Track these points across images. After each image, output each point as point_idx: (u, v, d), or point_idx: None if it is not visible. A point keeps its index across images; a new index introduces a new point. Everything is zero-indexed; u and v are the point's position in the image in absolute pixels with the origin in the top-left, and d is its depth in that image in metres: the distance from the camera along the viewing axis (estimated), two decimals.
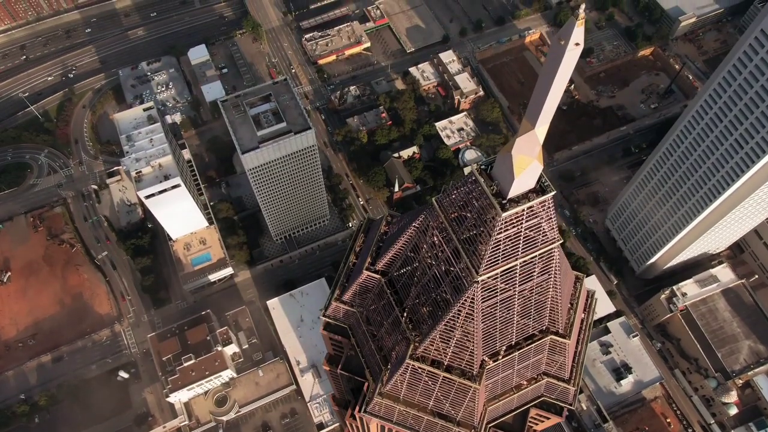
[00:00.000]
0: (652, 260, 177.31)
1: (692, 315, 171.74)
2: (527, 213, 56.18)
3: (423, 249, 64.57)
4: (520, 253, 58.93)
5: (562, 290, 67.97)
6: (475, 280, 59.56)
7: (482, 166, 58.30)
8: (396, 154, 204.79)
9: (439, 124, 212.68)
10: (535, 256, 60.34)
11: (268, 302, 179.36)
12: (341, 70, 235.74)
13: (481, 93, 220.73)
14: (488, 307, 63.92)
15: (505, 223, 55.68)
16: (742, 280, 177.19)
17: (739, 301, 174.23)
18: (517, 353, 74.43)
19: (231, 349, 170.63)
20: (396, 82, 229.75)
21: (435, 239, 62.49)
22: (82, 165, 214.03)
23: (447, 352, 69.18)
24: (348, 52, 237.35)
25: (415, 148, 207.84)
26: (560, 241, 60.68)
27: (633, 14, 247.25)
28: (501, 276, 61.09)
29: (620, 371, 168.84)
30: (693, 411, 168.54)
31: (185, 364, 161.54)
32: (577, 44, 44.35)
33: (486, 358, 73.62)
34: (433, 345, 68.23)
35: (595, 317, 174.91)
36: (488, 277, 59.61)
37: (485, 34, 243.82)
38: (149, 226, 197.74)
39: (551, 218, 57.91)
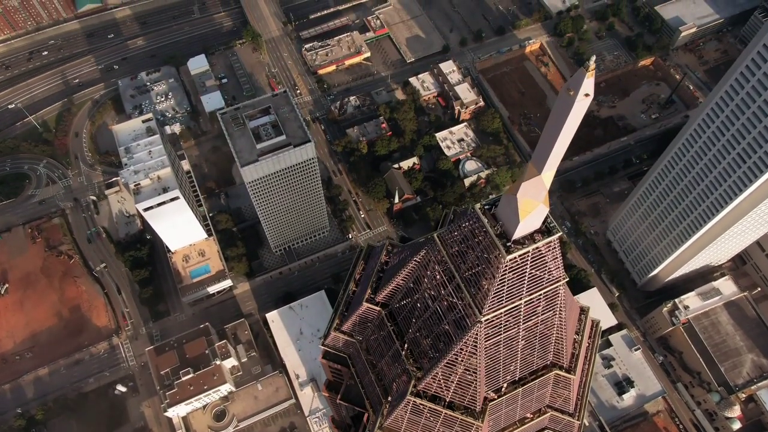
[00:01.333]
0: (654, 273, 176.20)
1: (695, 328, 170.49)
2: (533, 254, 55.23)
3: (424, 284, 63.52)
4: (524, 292, 57.92)
5: (567, 325, 66.88)
6: (478, 320, 58.47)
7: (485, 206, 57.27)
8: (396, 165, 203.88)
9: (439, 135, 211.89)
10: (540, 294, 59.29)
11: (268, 315, 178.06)
12: (341, 80, 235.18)
13: (482, 103, 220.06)
14: (492, 344, 62.81)
15: (510, 264, 54.66)
16: (745, 293, 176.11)
17: (742, 314, 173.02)
18: (521, 389, 73.07)
19: (230, 363, 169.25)
20: (396, 93, 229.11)
21: (437, 275, 61.48)
22: (81, 176, 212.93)
23: (449, 389, 67.88)
24: (348, 62, 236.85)
25: (415, 159, 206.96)
26: (566, 279, 59.52)
27: (633, 24, 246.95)
28: (505, 315, 59.96)
29: (622, 385, 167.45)
30: (696, 425, 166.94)
31: (183, 378, 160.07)
32: (587, 95, 43.59)
33: (489, 394, 72.31)
34: (434, 381, 66.96)
35: None
36: (492, 317, 58.54)
37: (485, 44, 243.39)
38: (148, 237, 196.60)
39: (557, 257, 56.91)
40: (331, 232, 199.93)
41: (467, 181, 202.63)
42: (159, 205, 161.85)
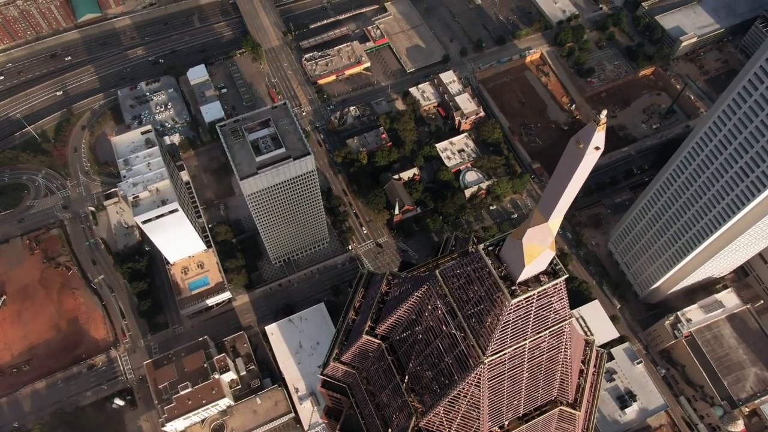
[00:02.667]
0: (656, 285, 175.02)
1: (697, 341, 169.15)
2: (538, 296, 54.21)
3: (426, 319, 62.50)
4: (529, 332, 56.82)
5: (572, 360, 65.78)
6: (481, 361, 57.38)
7: (489, 246, 56.23)
8: (396, 176, 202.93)
9: (439, 146, 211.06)
10: (545, 334, 58.25)
11: (267, 327, 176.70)
12: (341, 90, 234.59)
13: (482, 114, 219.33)
14: (495, 383, 61.64)
15: (515, 307, 53.62)
16: (747, 306, 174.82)
17: (745, 327, 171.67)
18: (525, 425, 71.67)
19: (228, 377, 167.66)
20: (396, 103, 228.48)
21: (439, 311, 60.45)
22: (80, 186, 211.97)
23: (451, 426, 66.56)
24: (348, 72, 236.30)
25: (415, 170, 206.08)
26: (571, 318, 58.41)
27: (633, 34, 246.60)
28: (509, 355, 58.81)
29: (624, 399, 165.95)
30: None
31: (181, 393, 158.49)
32: (597, 148, 42.76)
33: (494, 430, 70.72)
34: (436, 418, 65.70)
35: (599, 343, 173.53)
36: (496, 358, 57.42)
37: (485, 54, 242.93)
38: (147, 249, 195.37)
39: (563, 297, 55.83)
40: (331, 244, 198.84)
41: (468, 192, 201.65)
42: (158, 217, 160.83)
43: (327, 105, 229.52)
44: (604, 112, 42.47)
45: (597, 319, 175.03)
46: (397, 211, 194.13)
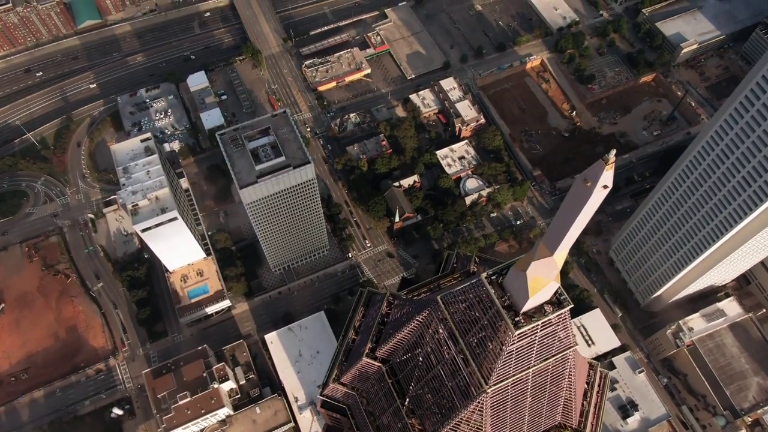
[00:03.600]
0: (658, 293, 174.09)
1: (699, 350, 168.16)
2: (543, 325, 53.45)
3: (427, 344, 61.72)
4: (533, 361, 56.02)
5: (576, 387, 64.93)
6: (484, 390, 56.55)
7: (492, 275, 55.51)
8: (396, 183, 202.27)
9: (440, 153, 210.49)
10: (549, 362, 57.46)
11: (266, 336, 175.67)
12: (341, 96, 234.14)
13: (482, 120, 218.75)
14: (498, 409, 60.81)
15: (518, 337, 52.92)
16: (750, 314, 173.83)
17: (747, 336, 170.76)
18: None
19: (228, 386, 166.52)
20: (396, 109, 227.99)
21: (440, 338, 59.65)
22: (79, 193, 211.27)
23: None
24: (348, 79, 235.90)
25: (415, 177, 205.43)
26: (576, 346, 57.60)
27: (634, 40, 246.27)
28: (512, 383, 57.97)
29: (626, 408, 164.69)
30: None
31: (180, 402, 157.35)
32: (605, 187, 42.19)
33: None
34: None
35: (600, 352, 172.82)
36: (499, 387, 56.65)
37: (486, 61, 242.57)
38: (146, 256, 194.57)
39: (567, 326, 55.07)
40: (331, 251, 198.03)
41: (468, 200, 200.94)
42: (157, 225, 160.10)
43: (327, 112, 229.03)
44: (613, 151, 41.86)
45: (598, 328, 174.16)
46: (397, 218, 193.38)
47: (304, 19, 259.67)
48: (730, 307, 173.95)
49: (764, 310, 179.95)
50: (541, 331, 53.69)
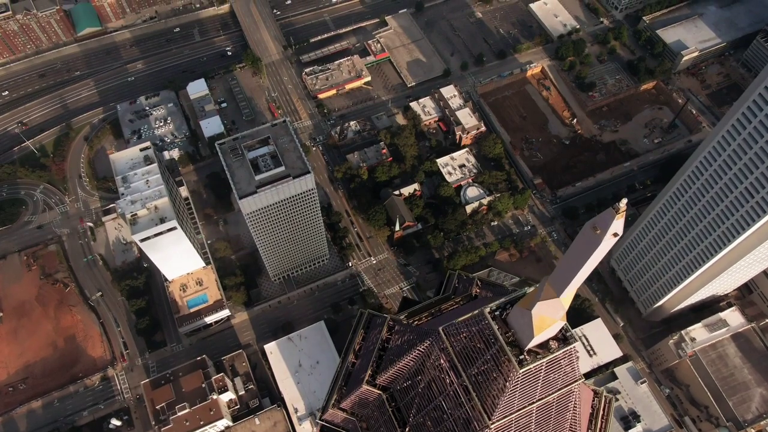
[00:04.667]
0: (660, 303, 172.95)
1: (702, 361, 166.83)
2: (548, 363, 52.49)
3: (428, 374, 60.63)
4: (537, 395, 54.96)
5: (581, 416, 63.92)
6: (486, 426, 55.50)
7: (495, 311, 54.60)
8: (397, 192, 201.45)
9: (440, 161, 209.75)
10: (554, 396, 56.43)
11: (266, 346, 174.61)
12: (341, 104, 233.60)
13: (483, 128, 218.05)
14: None
15: (523, 375, 51.93)
16: (752, 324, 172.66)
17: (750, 346, 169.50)
18: None
19: (227, 396, 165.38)
20: (397, 117, 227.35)
21: (442, 369, 58.63)
22: (78, 201, 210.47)
23: None
24: (348, 87, 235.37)
25: (416, 185, 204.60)
26: (581, 380, 56.47)
27: (635, 48, 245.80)
28: (516, 418, 56.93)
29: (628, 420, 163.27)
30: None
31: (179, 414, 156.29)
32: (615, 234, 41.46)
33: None
34: None
35: (602, 362, 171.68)
36: (502, 423, 55.70)
37: (486, 68, 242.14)
38: (145, 265, 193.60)
39: (573, 361, 54.16)
40: (331, 260, 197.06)
41: (469, 208, 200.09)
42: (156, 235, 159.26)
43: (327, 119, 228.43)
44: (624, 200, 41.11)
45: (600, 338, 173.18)
46: (397, 227, 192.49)
47: (304, 27, 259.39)
48: (733, 317, 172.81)
49: (767, 320, 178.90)
50: (546, 367, 52.69)
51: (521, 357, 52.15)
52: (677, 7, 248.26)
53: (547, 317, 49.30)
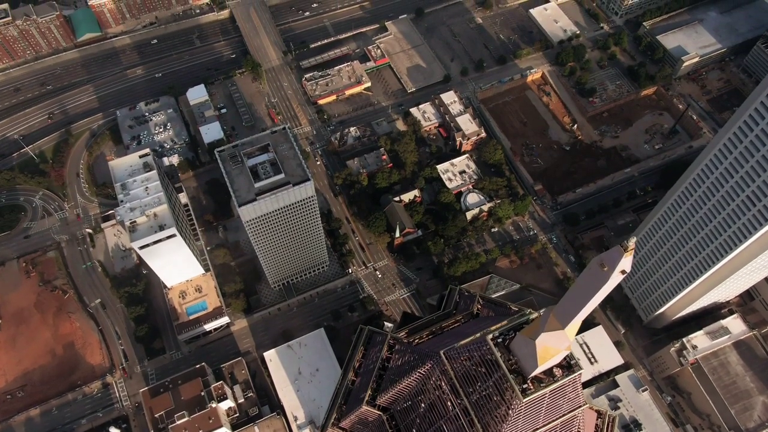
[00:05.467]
0: (661, 311, 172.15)
1: (703, 369, 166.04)
2: (552, 392, 51.82)
3: (429, 396, 59.92)
4: (540, 422, 54.19)
5: None
6: None
7: (498, 338, 53.92)
8: (397, 198, 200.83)
9: (440, 167, 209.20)
10: (558, 422, 55.74)
11: (265, 354, 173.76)
12: (341, 110, 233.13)
13: (483, 134, 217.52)
14: None
15: (526, 403, 51.26)
16: (754, 332, 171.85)
17: (752, 353, 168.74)
18: None
19: (226, 405, 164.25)
20: (397, 123, 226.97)
21: (443, 392, 57.90)
22: (78, 208, 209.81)
23: None
24: (348, 92, 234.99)
25: (416, 192, 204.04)
26: (585, 405, 55.71)
27: (635, 53, 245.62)
28: None
29: (630, 428, 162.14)
30: None
31: (178, 422, 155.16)
32: (623, 272, 40.99)
33: None
34: None
35: (603, 370, 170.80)
36: None
37: (487, 74, 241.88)
38: (144, 272, 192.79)
39: (577, 387, 53.45)
40: (331, 267, 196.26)
41: (469, 215, 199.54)
42: (155, 242, 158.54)
43: (327, 125, 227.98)
44: (633, 238, 40.58)
45: (601, 346, 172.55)
46: (397, 234, 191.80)
47: (304, 32, 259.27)
48: (735, 325, 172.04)
49: None
50: (550, 395, 51.93)
51: (525, 386, 51.35)
52: (677, 13, 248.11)
53: (552, 347, 48.65)
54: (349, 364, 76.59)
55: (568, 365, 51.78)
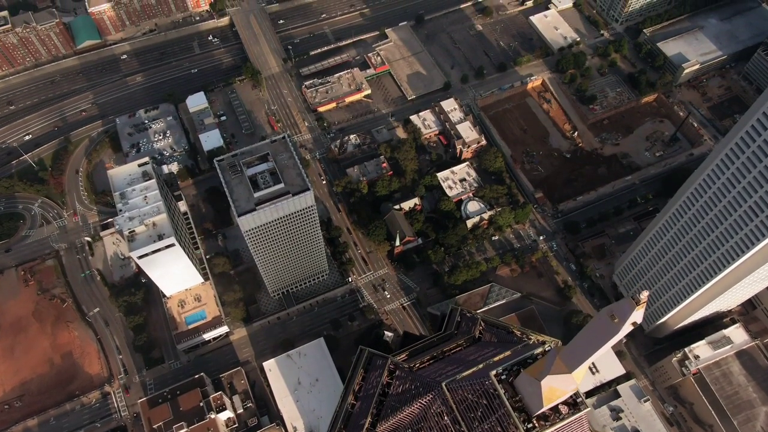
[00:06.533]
0: (663, 320, 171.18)
1: (706, 379, 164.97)
2: (558, 429, 51.06)
3: (430, 428, 59.03)
4: None
5: None
6: None
7: (502, 374, 53.02)
8: (397, 206, 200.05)
9: (440, 175, 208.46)
10: None
11: (265, 363, 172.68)
12: (341, 117, 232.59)
13: (484, 142, 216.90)
14: None
15: None
16: (756, 341, 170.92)
17: (754, 363, 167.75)
18: None
19: (225, 415, 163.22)
20: (397, 130, 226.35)
21: (445, 425, 57.01)
22: (76, 216, 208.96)
23: None
24: (348, 100, 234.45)
25: (416, 200, 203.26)
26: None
27: (636, 61, 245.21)
28: None
29: None
30: None
31: None
32: (634, 324, 40.38)
33: None
34: None
35: (604, 380, 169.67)
36: None
37: (487, 81, 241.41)
38: (143, 281, 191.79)
39: (583, 425, 52.58)
40: (331, 275, 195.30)
41: (469, 223, 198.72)
42: (154, 252, 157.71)
43: (327, 133, 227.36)
44: (646, 292, 39.91)
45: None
46: (398, 242, 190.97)
47: (304, 39, 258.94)
48: (737, 334, 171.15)
49: None
50: None
51: (530, 425, 50.48)
52: (678, 20, 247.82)
53: (558, 389, 47.79)
54: (349, 387, 75.58)
55: (575, 403, 50.77)
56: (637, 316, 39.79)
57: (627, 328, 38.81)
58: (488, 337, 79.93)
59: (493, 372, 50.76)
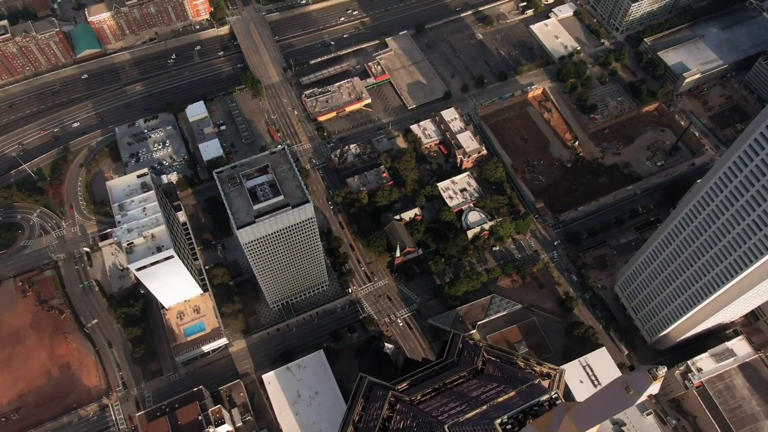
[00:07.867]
0: (665, 332, 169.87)
1: (709, 392, 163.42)
2: None
3: None
4: None
5: None
6: None
7: (507, 424, 51.98)
8: (397, 216, 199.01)
9: (441, 185, 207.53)
10: None
11: (264, 376, 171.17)
12: (341, 127, 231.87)
13: (484, 152, 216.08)
14: None
15: None
16: (759, 353, 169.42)
17: (758, 376, 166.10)
18: None
19: (224, 429, 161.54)
20: (397, 140, 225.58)
21: None
22: (75, 226, 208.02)
23: None
24: (348, 109, 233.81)
25: (416, 210, 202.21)
26: None
27: (636, 69, 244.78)
28: None
29: None
30: None
31: None
32: (650, 396, 39.37)
33: None
34: None
35: None
36: None
37: (487, 90, 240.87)
38: (142, 292, 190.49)
39: None
40: (331, 286, 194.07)
41: (470, 233, 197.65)
42: (152, 264, 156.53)
43: (327, 142, 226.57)
44: (663, 368, 38.66)
45: (605, 368, 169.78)
46: (398, 253, 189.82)
47: (304, 48, 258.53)
48: (740, 347, 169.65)
49: None
50: None
51: None
52: (678, 29, 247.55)
53: None
54: (348, 417, 74.32)
55: None
56: (654, 389, 38.95)
57: (642, 399, 37.79)
58: (491, 370, 78.48)
59: (498, 420, 49.49)
